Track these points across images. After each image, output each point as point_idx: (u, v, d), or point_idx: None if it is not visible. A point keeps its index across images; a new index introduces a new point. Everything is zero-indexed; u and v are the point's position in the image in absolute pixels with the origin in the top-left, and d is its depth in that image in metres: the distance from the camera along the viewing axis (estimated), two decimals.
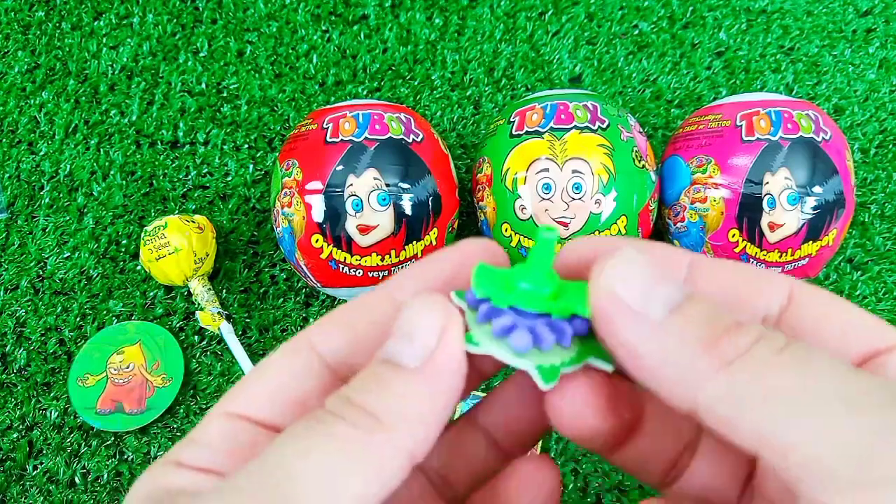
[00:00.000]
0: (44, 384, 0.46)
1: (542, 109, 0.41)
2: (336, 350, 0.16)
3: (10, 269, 0.49)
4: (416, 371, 0.14)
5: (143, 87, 0.54)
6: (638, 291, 0.13)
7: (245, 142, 0.53)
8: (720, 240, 0.41)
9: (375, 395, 0.13)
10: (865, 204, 0.51)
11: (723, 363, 0.12)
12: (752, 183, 0.40)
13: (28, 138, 0.53)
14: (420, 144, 0.42)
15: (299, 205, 0.40)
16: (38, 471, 0.44)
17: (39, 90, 0.54)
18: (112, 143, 0.53)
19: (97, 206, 0.51)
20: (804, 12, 0.57)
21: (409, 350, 0.14)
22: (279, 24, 0.56)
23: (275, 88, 0.54)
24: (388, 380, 0.14)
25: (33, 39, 0.56)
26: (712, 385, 0.12)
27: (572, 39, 0.56)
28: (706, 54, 0.55)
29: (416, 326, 0.14)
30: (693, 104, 0.54)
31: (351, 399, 0.14)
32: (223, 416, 0.15)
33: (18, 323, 0.48)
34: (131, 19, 0.57)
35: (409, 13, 0.56)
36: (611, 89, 0.54)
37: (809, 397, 0.12)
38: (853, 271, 0.49)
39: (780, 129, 0.40)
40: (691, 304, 0.13)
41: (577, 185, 0.40)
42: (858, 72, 0.55)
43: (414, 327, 0.14)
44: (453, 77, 0.55)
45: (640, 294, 0.13)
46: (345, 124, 0.41)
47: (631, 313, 0.13)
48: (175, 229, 0.45)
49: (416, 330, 0.14)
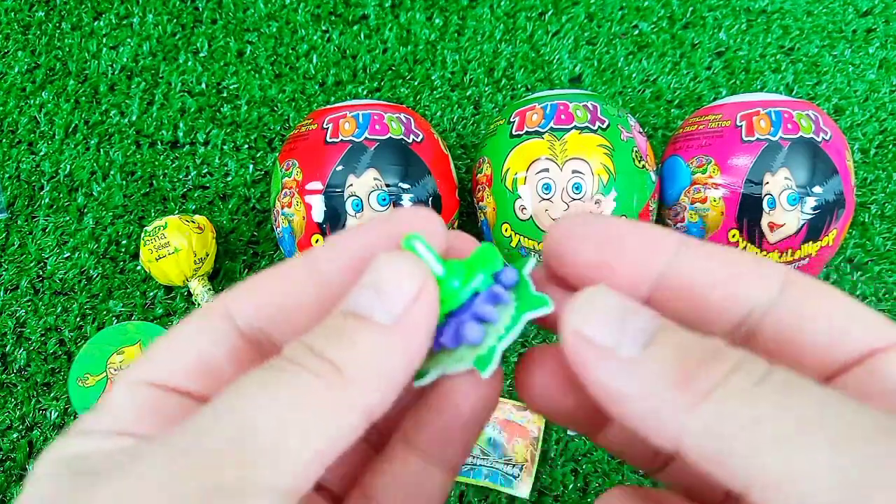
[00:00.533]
0: (44, 384, 0.46)
1: (542, 109, 0.41)
2: (251, 317, 0.15)
3: (10, 269, 0.49)
4: (387, 327, 0.13)
5: (143, 87, 0.54)
6: (606, 329, 0.13)
7: (245, 142, 0.53)
8: (720, 240, 0.41)
9: (341, 348, 0.13)
10: (865, 204, 0.51)
11: (698, 398, 0.12)
12: (752, 183, 0.40)
13: (28, 138, 0.53)
14: (420, 144, 0.42)
15: (299, 205, 0.40)
16: None
17: (39, 90, 0.54)
18: (112, 143, 0.53)
19: (97, 206, 0.51)
20: (804, 12, 0.57)
21: (380, 305, 0.13)
22: (279, 24, 0.56)
23: (275, 88, 0.54)
24: (354, 333, 0.13)
25: (33, 39, 0.56)
26: (691, 421, 0.12)
27: (572, 39, 0.56)
28: (706, 54, 0.55)
29: (392, 282, 0.14)
30: (693, 104, 0.54)
31: (314, 348, 0.13)
32: (129, 384, 0.14)
33: (18, 323, 0.48)
34: (131, 19, 0.56)
35: (409, 13, 0.56)
36: (611, 89, 0.54)
37: (791, 432, 0.11)
38: (853, 271, 0.49)
39: (780, 130, 0.40)
40: (663, 336, 0.13)
41: (577, 185, 0.40)
42: (858, 72, 0.55)
43: (390, 282, 0.14)
44: (453, 77, 0.55)
45: (608, 332, 0.13)
46: (345, 124, 0.41)
47: (600, 353, 0.13)
48: (175, 229, 0.45)
49: (392, 285, 0.13)
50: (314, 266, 0.15)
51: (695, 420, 0.12)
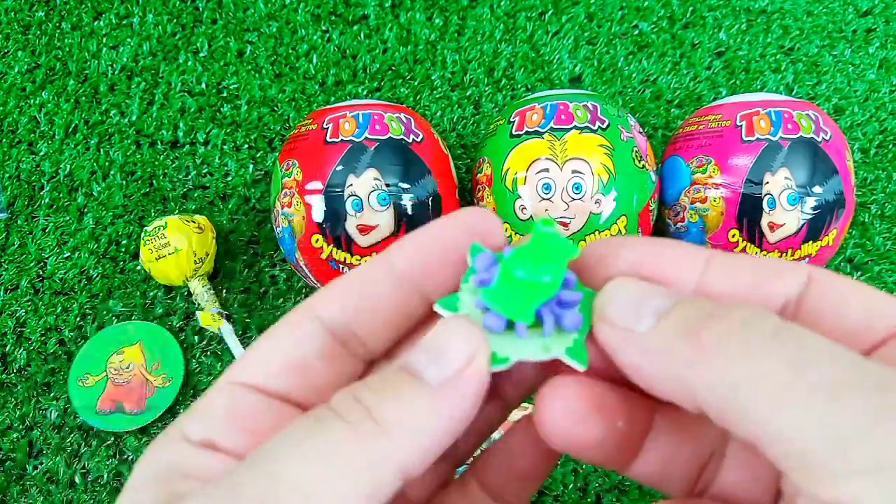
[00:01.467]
0: (44, 384, 0.46)
1: (542, 109, 0.41)
2: (338, 317, 0.16)
3: (10, 269, 0.49)
4: (435, 388, 0.13)
5: (143, 87, 0.54)
6: (626, 309, 0.14)
7: (245, 142, 0.53)
8: (720, 240, 0.41)
9: (383, 399, 0.13)
10: (865, 204, 0.51)
11: (706, 351, 0.12)
12: (752, 183, 0.40)
13: (28, 138, 0.53)
14: (420, 144, 0.42)
15: (299, 205, 0.40)
16: (38, 471, 0.44)
17: (39, 90, 0.54)
18: (112, 143, 0.53)
19: (97, 206, 0.51)
20: (804, 12, 0.57)
21: (433, 366, 0.14)
22: (279, 24, 0.56)
23: (275, 88, 0.54)
24: (400, 387, 0.13)
25: (33, 39, 0.56)
26: (701, 375, 0.12)
27: (572, 39, 0.56)
28: (706, 54, 0.55)
29: (447, 345, 0.14)
30: (693, 104, 0.54)
31: (357, 397, 0.13)
32: (228, 385, 0.15)
33: (18, 323, 0.48)
34: (131, 19, 0.57)
35: (409, 13, 0.56)
36: (611, 89, 0.54)
37: (796, 383, 0.11)
38: (853, 271, 0.49)
39: (780, 129, 0.40)
40: (678, 307, 0.14)
41: (577, 185, 0.40)
42: (858, 72, 0.55)
43: (445, 345, 0.14)
44: (453, 77, 0.55)
45: (628, 312, 0.14)
46: (345, 124, 0.41)
47: (623, 334, 0.14)
48: (175, 229, 0.45)
49: (447, 348, 0.14)
50: (389, 264, 0.16)
51: (704, 373, 0.12)
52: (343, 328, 0.16)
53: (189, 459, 0.14)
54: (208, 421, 0.15)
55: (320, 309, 0.16)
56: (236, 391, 0.15)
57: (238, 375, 0.15)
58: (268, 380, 0.15)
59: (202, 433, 0.14)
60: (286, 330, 0.16)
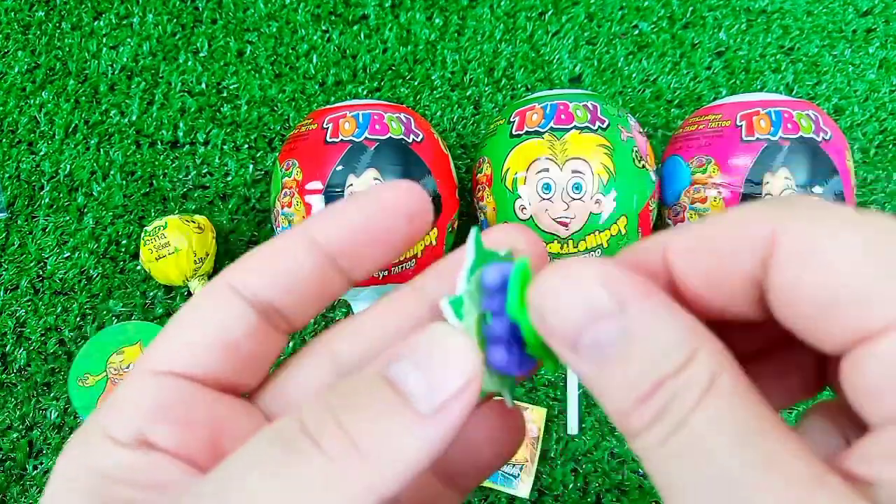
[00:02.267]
0: (44, 384, 0.46)
1: (542, 109, 0.41)
2: (257, 291, 0.14)
3: (10, 269, 0.49)
4: (422, 416, 0.12)
5: (143, 87, 0.54)
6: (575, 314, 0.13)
7: (245, 142, 0.53)
8: None
9: (362, 419, 0.12)
10: (865, 204, 0.51)
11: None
12: (751, 183, 0.40)
13: (28, 138, 0.53)
14: (420, 144, 0.42)
15: (299, 205, 0.40)
16: (38, 471, 0.44)
17: (39, 90, 0.54)
18: (112, 143, 0.53)
19: (97, 206, 0.51)
20: (804, 12, 0.57)
21: (422, 389, 0.12)
22: (279, 24, 0.56)
23: (275, 88, 0.54)
24: (383, 409, 0.12)
25: (33, 39, 0.56)
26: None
27: (572, 39, 0.56)
28: (706, 54, 0.55)
29: (444, 370, 0.13)
30: (693, 104, 0.54)
31: (333, 414, 0.12)
32: (149, 374, 0.14)
33: (18, 323, 0.48)
34: (131, 19, 0.56)
35: (409, 13, 0.56)
36: (611, 89, 0.54)
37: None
38: None
39: (780, 129, 0.40)
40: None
41: (577, 185, 0.40)
42: (858, 72, 0.55)
43: (440, 368, 0.13)
44: (453, 77, 0.55)
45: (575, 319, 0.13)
46: (345, 124, 0.41)
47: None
48: (175, 229, 0.45)
49: (443, 375, 0.13)
50: (309, 238, 0.15)
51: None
52: (264, 303, 0.14)
53: (119, 462, 0.13)
54: (134, 416, 0.13)
55: (238, 284, 0.14)
56: (161, 380, 0.13)
57: (157, 363, 0.14)
58: (193, 364, 0.14)
59: (130, 431, 0.13)
60: (205, 310, 0.14)
